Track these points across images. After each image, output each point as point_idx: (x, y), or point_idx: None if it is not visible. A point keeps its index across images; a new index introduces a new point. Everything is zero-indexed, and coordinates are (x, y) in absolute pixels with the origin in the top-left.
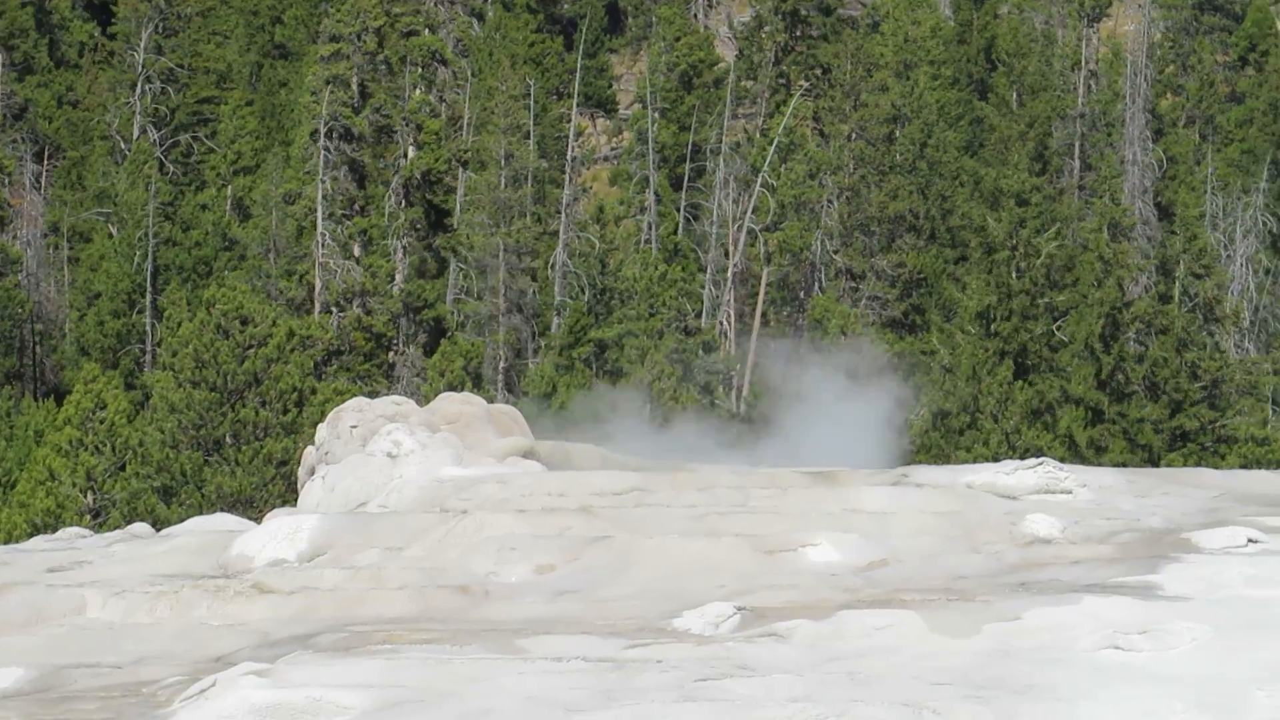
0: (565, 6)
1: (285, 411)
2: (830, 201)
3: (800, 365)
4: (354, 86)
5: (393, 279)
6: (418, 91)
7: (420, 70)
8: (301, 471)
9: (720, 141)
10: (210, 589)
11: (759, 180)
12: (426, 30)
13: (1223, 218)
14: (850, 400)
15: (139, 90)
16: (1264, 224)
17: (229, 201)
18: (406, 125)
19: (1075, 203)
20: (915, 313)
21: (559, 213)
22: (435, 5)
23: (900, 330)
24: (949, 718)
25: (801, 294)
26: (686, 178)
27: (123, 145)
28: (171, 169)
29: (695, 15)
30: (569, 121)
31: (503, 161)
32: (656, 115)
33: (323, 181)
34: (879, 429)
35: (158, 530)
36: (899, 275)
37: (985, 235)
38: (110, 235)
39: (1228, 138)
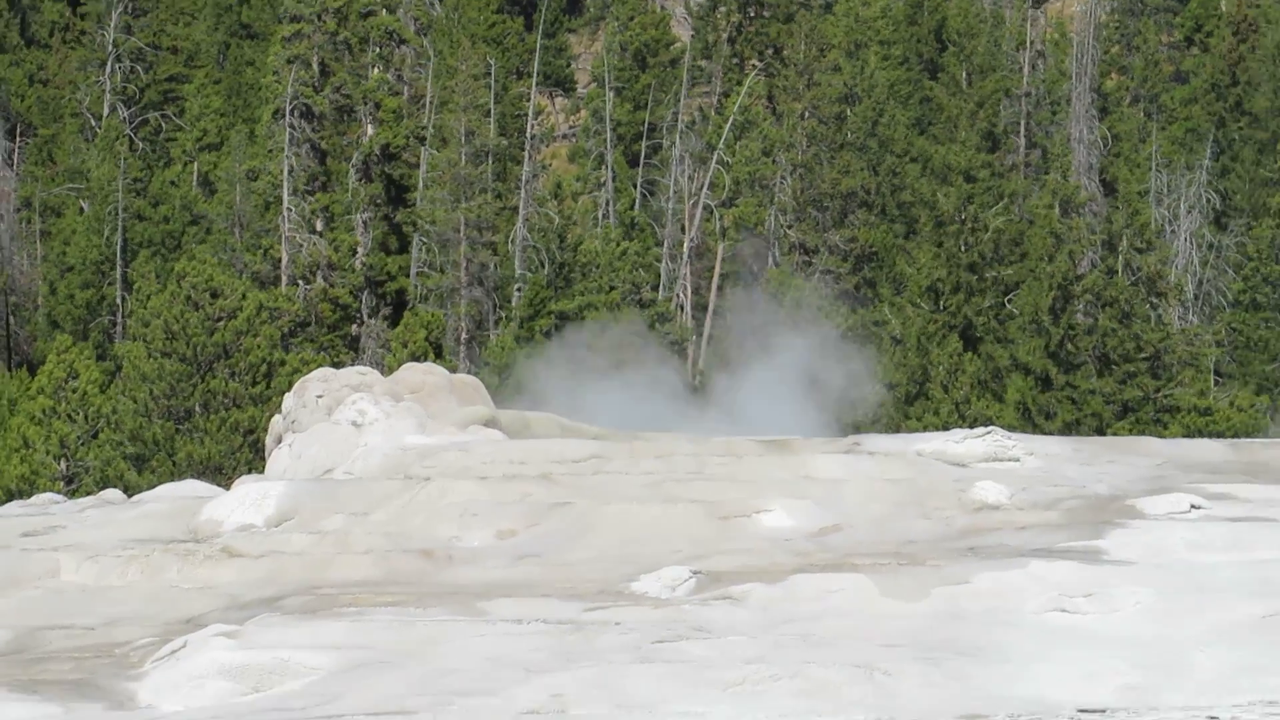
0: None
1: (255, 383)
2: (784, 178)
3: (754, 337)
4: (315, 66)
5: (355, 253)
6: (376, 71)
7: (379, 50)
8: (269, 440)
9: (676, 119)
10: (180, 553)
11: (714, 157)
12: (385, 11)
13: (1167, 194)
14: (804, 371)
15: (109, 69)
16: (1207, 200)
17: (195, 177)
18: (366, 103)
19: (1022, 180)
20: (867, 286)
21: (519, 189)
22: None
23: (853, 303)
24: (900, 679)
25: (756, 268)
26: (643, 155)
27: (93, 123)
28: (141, 146)
29: None
30: (529, 100)
31: (463, 139)
32: (612, 94)
33: (287, 158)
34: (832, 399)
35: (129, 496)
36: (851, 250)
37: (935, 210)
38: (81, 210)
39: (1171, 116)
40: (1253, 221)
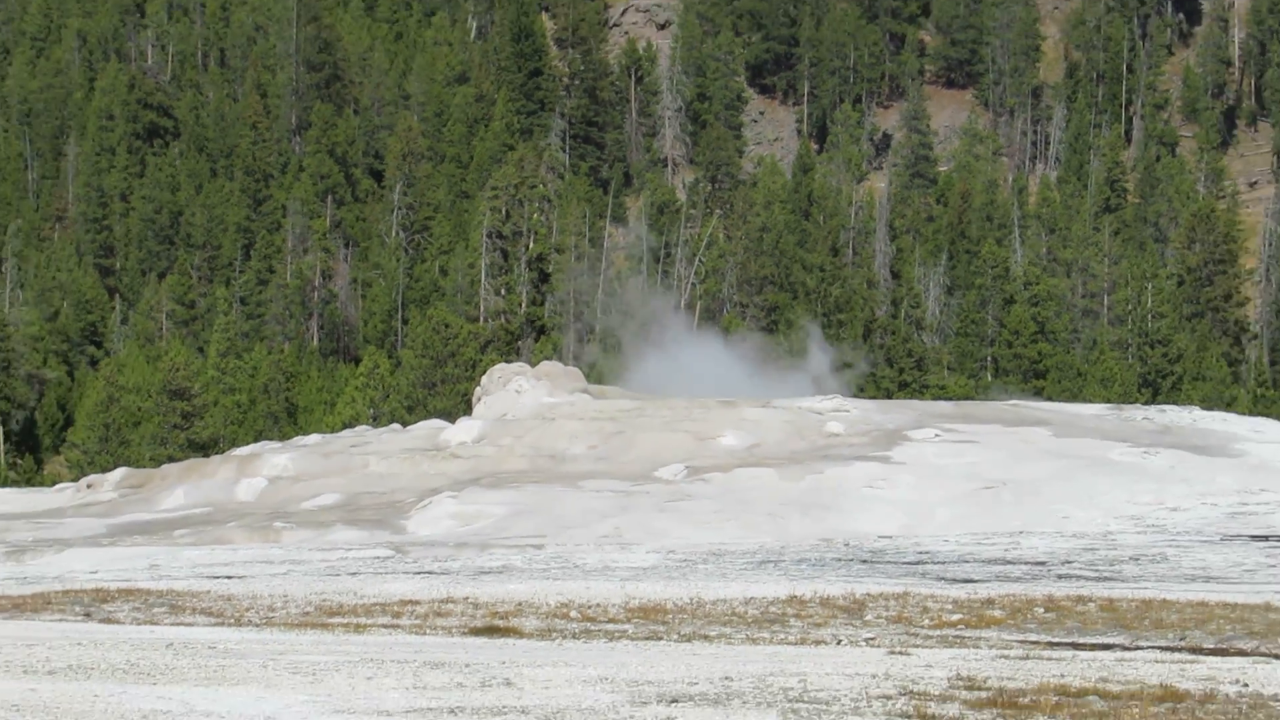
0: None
1: (467, 370)
2: (730, 269)
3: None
4: (502, 209)
5: (520, 307)
6: (536, 215)
7: (535, 202)
8: (474, 399)
9: (680, 239)
10: (430, 456)
11: (697, 257)
12: (542, 185)
13: (925, 280)
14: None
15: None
16: (943, 282)
17: (436, 266)
18: (528, 231)
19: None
20: (774, 325)
21: (600, 277)
22: (546, 172)
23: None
24: (788, 521)
25: (716, 314)
26: (663, 254)
27: (383, 239)
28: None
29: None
30: (606, 233)
31: (573, 258)
32: (647, 228)
33: (484, 257)
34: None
35: (404, 427)
36: (765, 304)
37: (808, 287)
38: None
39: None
40: (967, 290)
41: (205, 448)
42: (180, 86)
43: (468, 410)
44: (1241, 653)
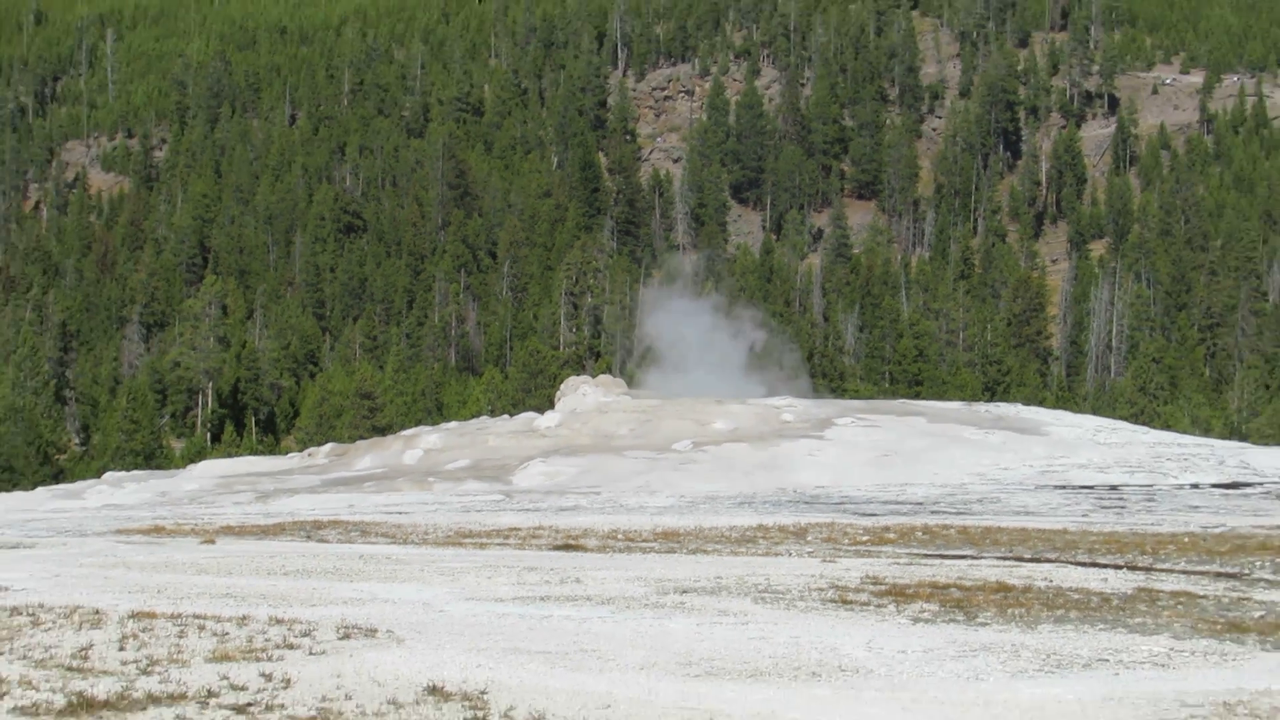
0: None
1: (551, 380)
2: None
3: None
4: (574, 277)
5: (585, 339)
6: (594, 281)
7: (593, 274)
8: (556, 399)
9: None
10: (527, 435)
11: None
12: (597, 262)
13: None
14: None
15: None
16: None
17: (532, 314)
18: (589, 291)
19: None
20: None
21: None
22: (599, 254)
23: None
24: (755, 477)
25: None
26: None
27: (498, 296)
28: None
29: None
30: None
31: (619, 314)
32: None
33: (562, 308)
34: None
35: (511, 417)
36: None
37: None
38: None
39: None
40: (872, 329)
41: (383, 430)
42: (367, 199)
43: (551, 406)
44: (1049, 560)
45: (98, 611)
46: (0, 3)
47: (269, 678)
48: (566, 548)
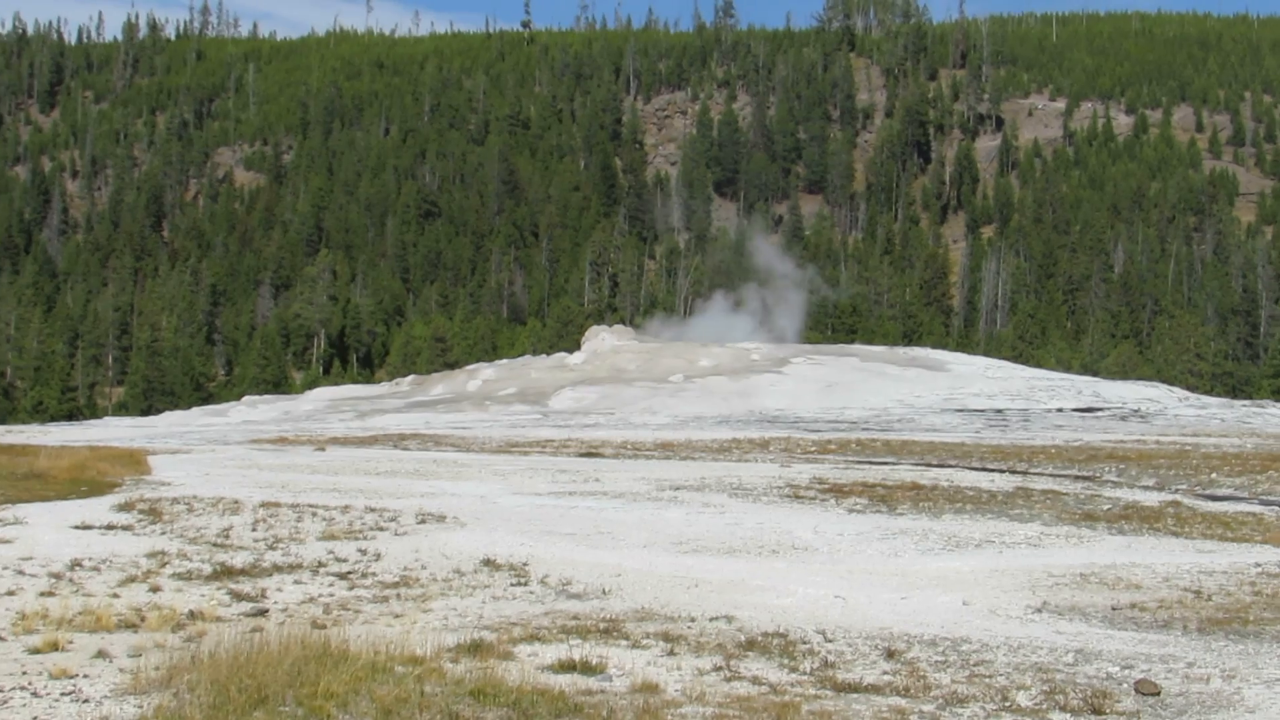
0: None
1: (580, 329)
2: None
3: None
4: (596, 252)
5: (605, 299)
6: (612, 255)
7: (611, 250)
8: (582, 342)
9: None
10: (560, 369)
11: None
12: (615, 241)
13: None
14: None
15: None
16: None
17: (564, 279)
18: (608, 263)
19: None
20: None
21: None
22: (616, 235)
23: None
24: (731, 401)
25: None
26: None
27: (540, 265)
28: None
29: None
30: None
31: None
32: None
33: (587, 275)
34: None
35: (548, 356)
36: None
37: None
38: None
39: None
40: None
41: (453, 365)
42: (441, 192)
43: (578, 348)
44: (950, 466)
45: (237, 501)
46: (172, 44)
47: (364, 552)
48: (589, 455)
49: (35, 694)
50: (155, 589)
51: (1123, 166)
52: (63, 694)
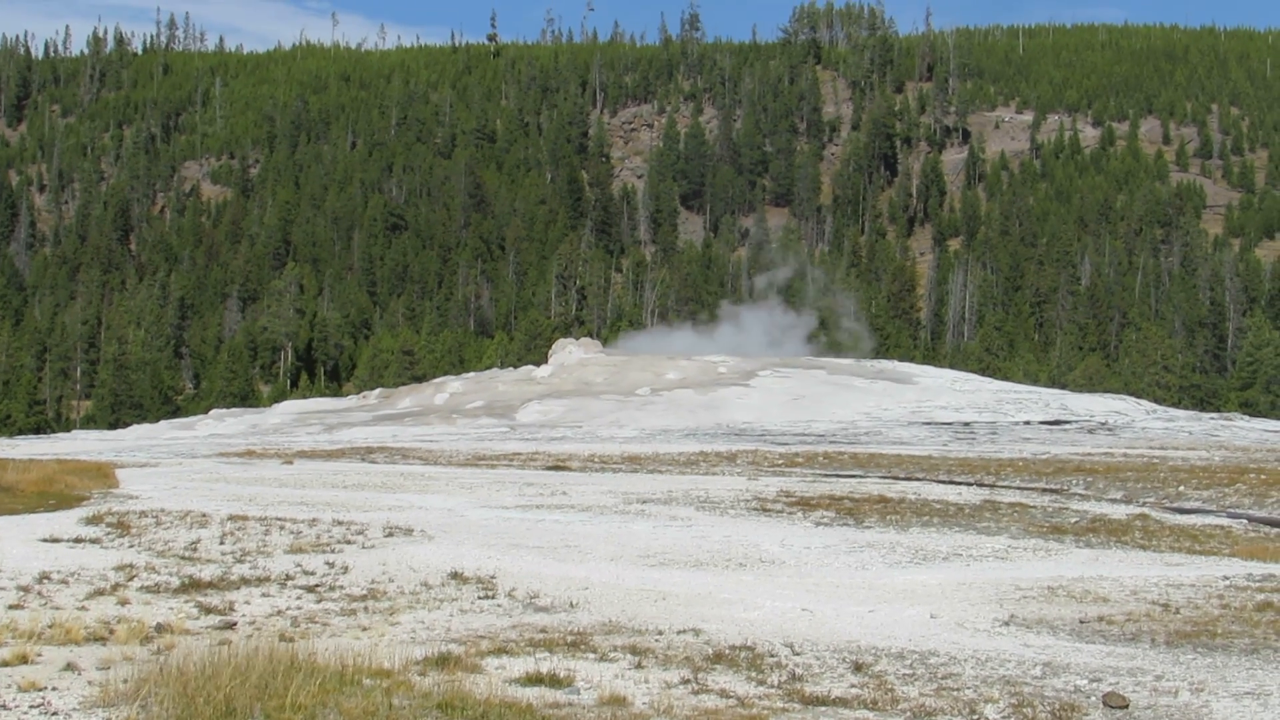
0: None
1: (547, 342)
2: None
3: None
4: (563, 264)
5: (572, 312)
6: (579, 268)
7: (578, 263)
8: (549, 355)
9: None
10: (527, 382)
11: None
12: (581, 253)
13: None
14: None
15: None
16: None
17: (532, 292)
18: (574, 275)
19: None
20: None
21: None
22: (583, 247)
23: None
24: (700, 414)
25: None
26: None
27: (506, 278)
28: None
29: None
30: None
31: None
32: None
33: (554, 288)
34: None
35: (515, 369)
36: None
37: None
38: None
39: None
40: (787, 303)
41: (420, 378)
42: (408, 205)
43: (545, 361)
44: (917, 479)
45: (204, 515)
46: (139, 58)
47: (332, 565)
48: (556, 468)
49: (4, 706)
50: (124, 602)
51: (1090, 179)
52: (31, 706)
